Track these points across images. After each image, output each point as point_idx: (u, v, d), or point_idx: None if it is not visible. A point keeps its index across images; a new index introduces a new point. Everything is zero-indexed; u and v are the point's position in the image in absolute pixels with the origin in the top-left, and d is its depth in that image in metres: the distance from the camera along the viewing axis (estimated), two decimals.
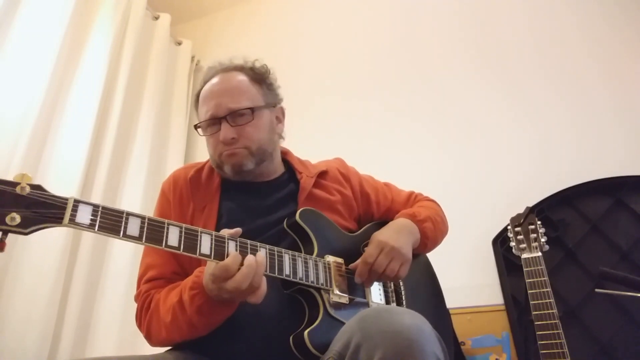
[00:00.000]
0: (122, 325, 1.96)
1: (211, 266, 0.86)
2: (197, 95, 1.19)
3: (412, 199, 1.35)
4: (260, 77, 1.18)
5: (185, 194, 1.13)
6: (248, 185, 1.16)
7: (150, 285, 1.04)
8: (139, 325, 1.03)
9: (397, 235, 1.11)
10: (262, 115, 1.14)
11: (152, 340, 1.00)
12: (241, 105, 1.11)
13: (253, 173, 1.14)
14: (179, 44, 2.97)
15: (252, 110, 1.11)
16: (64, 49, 2.07)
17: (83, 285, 1.94)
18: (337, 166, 1.29)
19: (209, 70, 1.19)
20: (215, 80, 1.15)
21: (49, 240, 1.79)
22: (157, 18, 2.79)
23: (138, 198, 2.27)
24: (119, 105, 2.29)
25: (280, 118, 1.23)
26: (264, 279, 0.88)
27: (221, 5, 3.19)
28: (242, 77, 1.15)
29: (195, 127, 1.15)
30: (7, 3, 1.95)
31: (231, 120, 1.09)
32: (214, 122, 1.11)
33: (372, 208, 1.27)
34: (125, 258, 2.09)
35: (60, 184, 1.90)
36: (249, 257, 0.86)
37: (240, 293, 0.84)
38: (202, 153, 2.78)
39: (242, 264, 0.85)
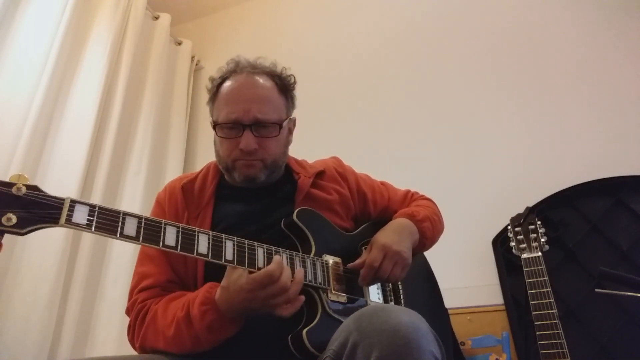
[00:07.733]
0: (122, 325, 1.96)
1: (234, 276, 0.86)
2: (217, 86, 1.12)
3: (409, 197, 1.35)
4: (286, 89, 1.15)
5: (180, 203, 1.11)
6: (244, 189, 1.14)
7: (145, 295, 1.00)
8: (132, 338, 0.98)
9: (398, 237, 1.11)
10: (283, 129, 1.12)
11: (146, 351, 0.96)
12: (269, 117, 1.07)
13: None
14: (179, 44, 2.97)
15: (279, 125, 1.09)
16: (64, 49, 2.07)
17: (83, 285, 1.94)
18: (334, 165, 1.28)
19: (233, 63, 1.13)
20: (243, 80, 1.09)
21: (49, 240, 1.80)
22: (157, 18, 2.80)
23: (138, 198, 2.27)
24: (119, 105, 2.30)
25: (292, 129, 1.21)
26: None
27: (221, 5, 3.19)
28: (271, 85, 1.11)
29: (214, 125, 1.09)
30: (7, 3, 1.96)
31: (255, 130, 1.06)
32: (235, 127, 1.06)
33: (369, 207, 1.27)
34: (125, 258, 2.09)
35: (60, 184, 1.90)
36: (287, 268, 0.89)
37: (277, 302, 0.86)
38: (202, 153, 2.78)
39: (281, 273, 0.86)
